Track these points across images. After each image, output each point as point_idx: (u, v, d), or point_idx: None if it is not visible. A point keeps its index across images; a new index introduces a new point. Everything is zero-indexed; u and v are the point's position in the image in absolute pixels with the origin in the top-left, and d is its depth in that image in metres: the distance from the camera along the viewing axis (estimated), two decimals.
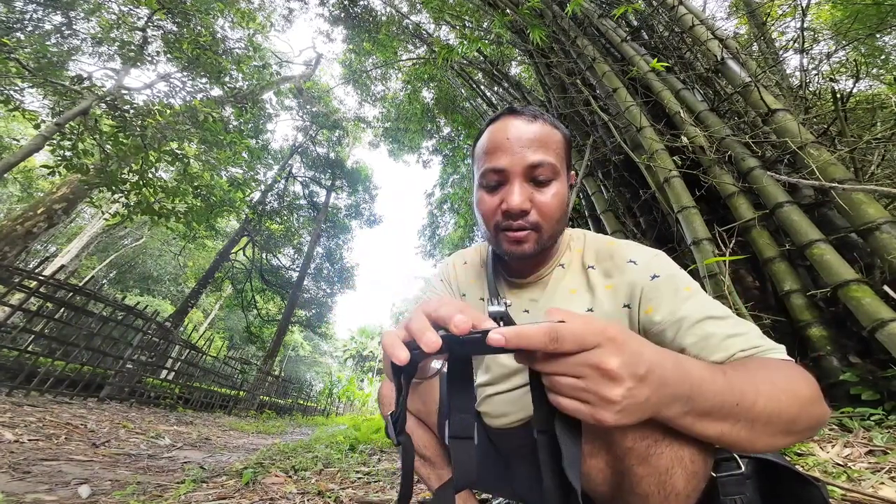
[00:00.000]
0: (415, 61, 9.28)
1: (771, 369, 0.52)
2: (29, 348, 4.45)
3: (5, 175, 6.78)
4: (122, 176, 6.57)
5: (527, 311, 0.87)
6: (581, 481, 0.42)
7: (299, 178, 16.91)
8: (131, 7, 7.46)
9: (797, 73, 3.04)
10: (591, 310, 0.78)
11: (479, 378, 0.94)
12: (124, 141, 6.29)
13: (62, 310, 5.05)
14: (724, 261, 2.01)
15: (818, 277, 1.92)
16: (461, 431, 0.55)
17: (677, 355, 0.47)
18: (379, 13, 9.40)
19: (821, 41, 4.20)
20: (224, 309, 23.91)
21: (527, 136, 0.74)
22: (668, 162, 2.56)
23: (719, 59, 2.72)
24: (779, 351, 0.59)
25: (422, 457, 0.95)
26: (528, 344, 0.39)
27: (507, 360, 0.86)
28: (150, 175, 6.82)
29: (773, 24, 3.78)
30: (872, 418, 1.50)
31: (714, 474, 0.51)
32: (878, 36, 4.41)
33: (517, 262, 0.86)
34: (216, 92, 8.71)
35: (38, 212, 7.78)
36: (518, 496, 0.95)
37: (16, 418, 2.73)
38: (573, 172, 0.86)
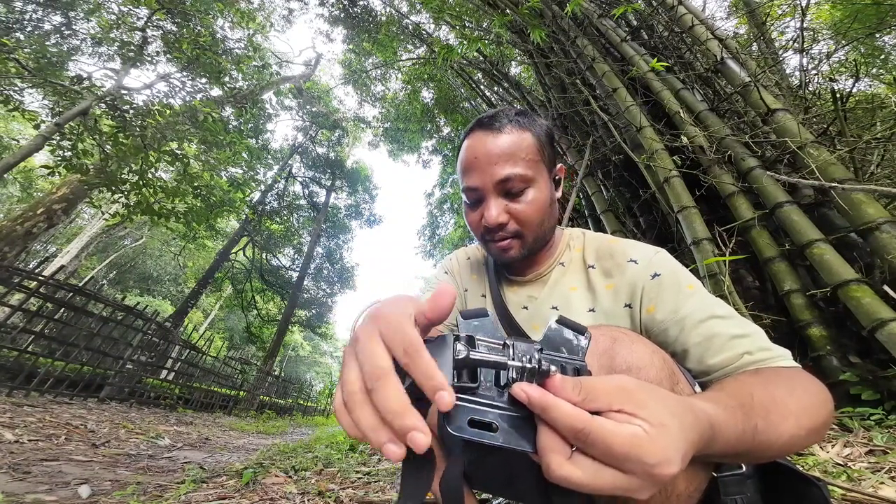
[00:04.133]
0: (415, 61, 9.28)
1: (790, 392, 0.51)
2: (29, 348, 4.44)
3: (5, 175, 6.77)
4: (122, 176, 6.57)
5: (525, 308, 0.87)
6: None
7: (299, 178, 16.92)
8: (131, 7, 7.45)
9: (797, 73, 3.04)
10: (592, 309, 0.78)
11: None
12: (124, 141, 6.28)
13: (62, 310, 5.04)
14: (724, 261, 2.01)
15: (818, 277, 1.92)
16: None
17: (698, 404, 0.41)
18: (379, 13, 9.41)
19: (820, 41, 4.20)
20: (224, 309, 23.91)
21: (494, 152, 0.75)
22: (667, 162, 2.56)
23: (719, 58, 2.72)
24: (786, 358, 0.59)
25: None
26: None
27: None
28: (149, 175, 6.82)
29: (772, 24, 3.78)
30: (872, 418, 1.50)
31: (715, 474, 0.51)
32: (877, 36, 4.40)
33: (508, 265, 0.88)
34: (216, 92, 8.71)
35: (38, 212, 7.78)
36: (518, 497, 0.95)
37: (16, 418, 2.73)
38: (561, 167, 0.86)
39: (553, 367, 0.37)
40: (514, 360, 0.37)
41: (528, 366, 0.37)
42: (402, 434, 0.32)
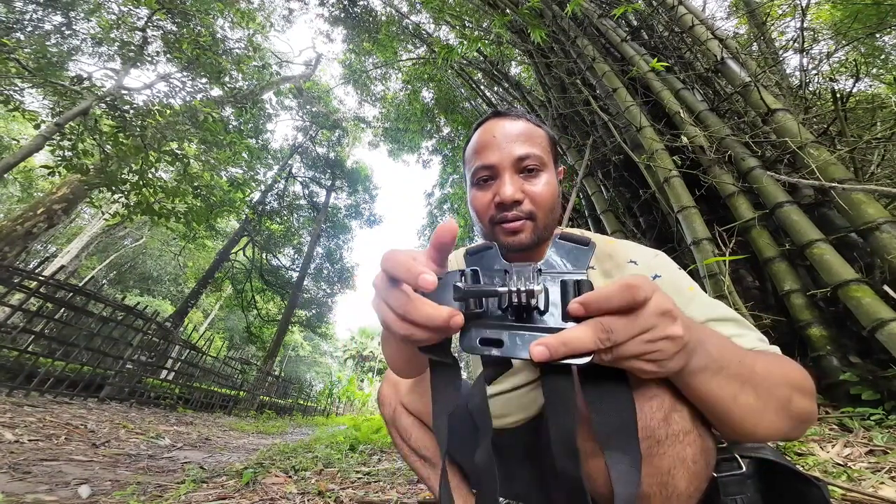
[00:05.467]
0: (415, 61, 9.28)
1: (762, 353, 0.55)
2: (29, 348, 4.44)
3: (5, 175, 6.77)
4: (122, 176, 6.57)
5: None
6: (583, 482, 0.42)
7: (299, 178, 16.91)
8: (131, 7, 7.45)
9: (797, 73, 3.04)
10: None
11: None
12: (124, 141, 6.28)
13: (62, 310, 5.04)
14: (724, 261, 2.01)
15: (818, 277, 1.92)
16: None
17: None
18: (379, 13, 9.41)
19: (821, 41, 4.20)
20: (224, 309, 23.89)
21: (513, 133, 0.79)
22: (667, 162, 2.56)
23: (719, 58, 2.72)
24: (777, 351, 0.60)
25: (422, 457, 0.95)
26: (608, 306, 0.39)
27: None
28: (150, 175, 6.82)
29: (772, 24, 3.78)
30: (872, 418, 1.50)
31: (715, 474, 0.51)
32: (878, 36, 4.40)
33: (515, 255, 0.87)
34: (216, 92, 8.71)
35: (38, 212, 7.78)
36: (518, 496, 0.95)
37: (16, 418, 2.73)
38: (562, 168, 0.88)
39: (538, 287, 0.41)
40: (505, 286, 0.42)
41: (524, 289, 0.40)
42: (444, 327, 0.41)
